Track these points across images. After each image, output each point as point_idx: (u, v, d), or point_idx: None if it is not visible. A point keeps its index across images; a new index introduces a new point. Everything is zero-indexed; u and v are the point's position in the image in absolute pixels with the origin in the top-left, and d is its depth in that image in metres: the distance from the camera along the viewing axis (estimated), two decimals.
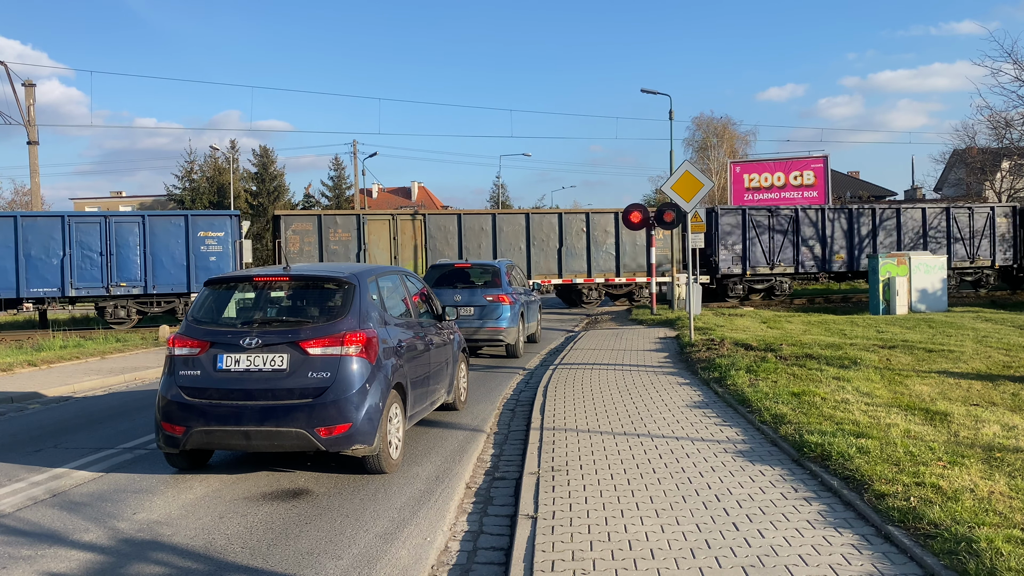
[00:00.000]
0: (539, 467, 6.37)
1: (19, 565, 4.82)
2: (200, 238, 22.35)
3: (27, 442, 8.18)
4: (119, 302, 22.10)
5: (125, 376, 12.82)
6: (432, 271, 14.94)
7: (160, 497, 6.14)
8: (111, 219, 22.04)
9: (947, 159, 47.26)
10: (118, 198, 73.06)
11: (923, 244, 27.89)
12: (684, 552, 4.49)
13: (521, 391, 10.87)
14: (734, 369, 10.19)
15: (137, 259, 21.89)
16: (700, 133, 57.87)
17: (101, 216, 22.28)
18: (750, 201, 29.47)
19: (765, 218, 26.48)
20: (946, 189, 49.99)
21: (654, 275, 22.53)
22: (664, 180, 20.87)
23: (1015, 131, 31.78)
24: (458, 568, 4.79)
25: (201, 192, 54.20)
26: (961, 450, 6.13)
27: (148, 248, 21.97)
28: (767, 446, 6.82)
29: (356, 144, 44.41)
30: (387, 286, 7.56)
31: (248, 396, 6.22)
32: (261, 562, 4.80)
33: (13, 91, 37.81)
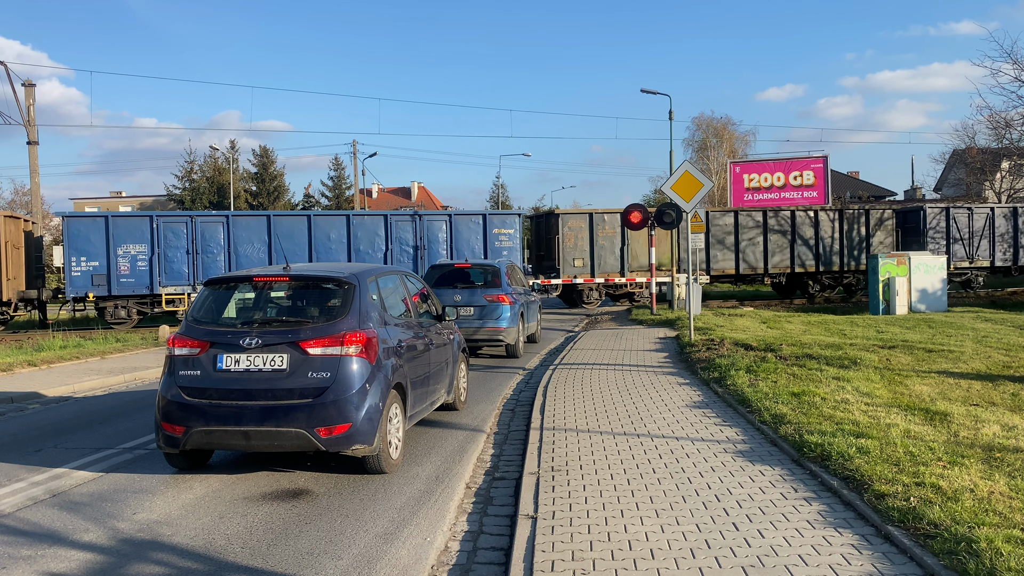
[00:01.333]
0: (539, 467, 6.37)
1: (19, 565, 4.82)
2: (495, 235, 24.57)
3: (27, 442, 8.18)
4: None
5: (125, 376, 12.82)
6: (432, 271, 14.94)
7: (160, 497, 6.14)
8: (424, 217, 24.39)
9: (947, 159, 47.29)
10: (118, 198, 73.06)
11: None
12: (684, 552, 4.49)
13: (521, 391, 10.88)
14: (734, 369, 10.19)
15: (444, 252, 24.15)
16: (700, 133, 57.95)
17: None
18: (750, 202, 29.44)
19: None
20: (946, 189, 50.01)
21: (653, 275, 22.53)
22: (664, 180, 20.85)
23: (1015, 131, 31.79)
24: (458, 568, 4.79)
25: (201, 192, 54.24)
26: (961, 450, 6.13)
27: (453, 243, 24.24)
28: (767, 446, 6.82)
29: (356, 144, 44.42)
30: (387, 286, 7.56)
31: (248, 396, 6.22)
32: (261, 562, 4.80)
33: (13, 91, 37.83)
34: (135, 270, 22.06)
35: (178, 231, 22.51)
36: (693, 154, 57.53)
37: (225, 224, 22.82)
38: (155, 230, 22.29)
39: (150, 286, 22.11)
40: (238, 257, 22.71)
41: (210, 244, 22.70)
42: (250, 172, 57.74)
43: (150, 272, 22.15)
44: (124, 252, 22.05)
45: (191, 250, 22.50)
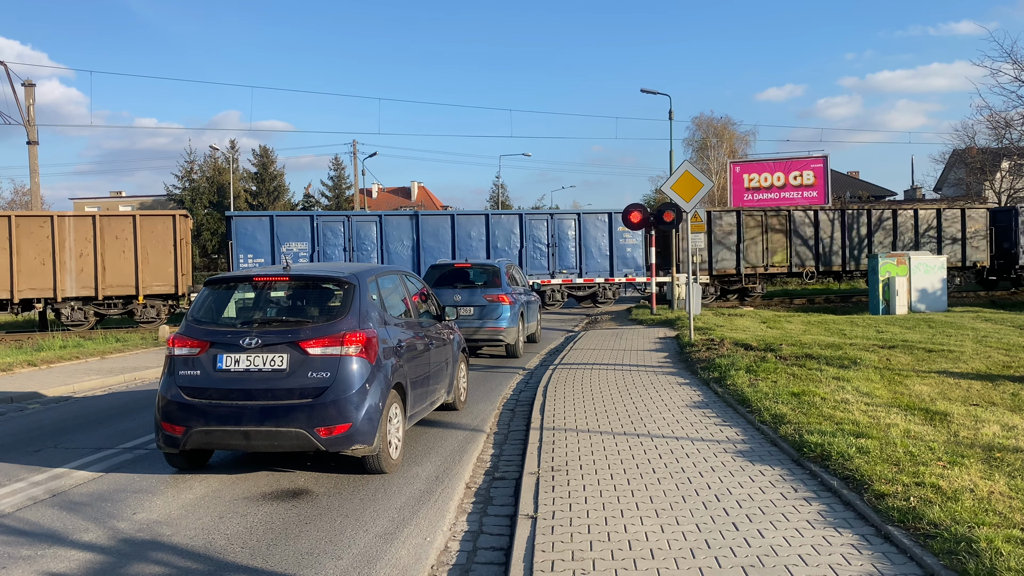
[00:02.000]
0: (539, 467, 6.37)
1: (19, 565, 4.82)
2: (620, 232, 25.64)
3: (27, 442, 8.18)
4: (554, 287, 25.99)
5: (125, 376, 12.82)
6: (432, 271, 14.94)
7: (160, 497, 6.14)
8: (556, 216, 26.19)
9: (947, 159, 47.29)
10: (118, 198, 73.06)
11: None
12: (684, 552, 4.49)
13: (521, 391, 10.88)
14: (734, 369, 10.19)
15: (572, 249, 25.59)
16: (700, 133, 57.92)
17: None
18: (750, 202, 29.44)
19: None
20: (946, 189, 50.01)
21: (654, 275, 22.54)
22: (664, 180, 20.87)
23: (1015, 131, 31.80)
24: (458, 568, 4.79)
25: (201, 192, 54.22)
26: (961, 450, 6.13)
27: (581, 241, 25.65)
28: (767, 446, 6.82)
29: (356, 144, 44.43)
30: (387, 286, 7.56)
31: (248, 396, 6.22)
32: (261, 562, 4.80)
33: (13, 91, 37.84)
34: None
35: (335, 229, 24.13)
36: (693, 154, 57.53)
37: (378, 223, 24.42)
38: (315, 229, 23.90)
39: None
40: (389, 254, 24.28)
41: (364, 242, 24.25)
42: (250, 172, 57.71)
43: None
44: (287, 249, 23.59)
45: (347, 247, 24.04)
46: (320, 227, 23.94)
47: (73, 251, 21.86)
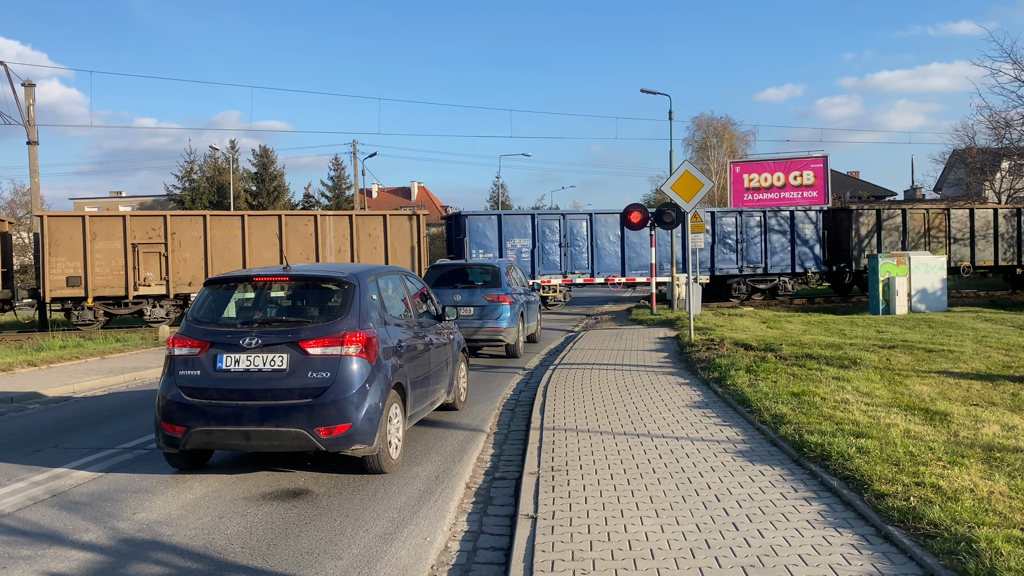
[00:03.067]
0: (539, 467, 6.37)
1: (19, 565, 4.82)
2: (800, 228, 26.94)
3: (27, 442, 8.18)
4: (742, 279, 27.25)
5: (125, 376, 12.82)
6: (432, 271, 14.95)
7: (160, 497, 6.14)
8: (744, 214, 27.22)
9: (947, 159, 47.27)
10: (118, 198, 73.05)
11: None
12: (684, 552, 4.49)
13: (521, 391, 10.87)
14: (734, 369, 10.19)
15: (759, 246, 26.96)
16: (700, 133, 57.86)
17: (735, 213, 27.24)
18: (750, 202, 29.43)
19: None
20: (946, 189, 49.99)
21: (654, 275, 22.54)
22: (664, 180, 20.88)
23: (1015, 131, 31.79)
24: (458, 568, 4.79)
25: (201, 192, 54.23)
26: (961, 450, 6.13)
27: (766, 237, 26.88)
28: (767, 446, 6.82)
29: (356, 144, 44.40)
30: (387, 286, 7.56)
31: (248, 396, 6.22)
32: (261, 562, 4.80)
33: (13, 91, 37.84)
34: (520, 260, 25.26)
35: (552, 227, 25.83)
36: (693, 154, 57.48)
37: (588, 220, 25.93)
38: (535, 226, 25.63)
39: (531, 274, 25.43)
40: (597, 250, 25.79)
41: (576, 238, 25.84)
42: (250, 172, 57.71)
43: (532, 262, 25.56)
44: (512, 245, 25.63)
45: (561, 243, 25.69)
46: (539, 225, 25.72)
47: (332, 247, 23.06)
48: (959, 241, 28.01)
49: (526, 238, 25.60)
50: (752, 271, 27.05)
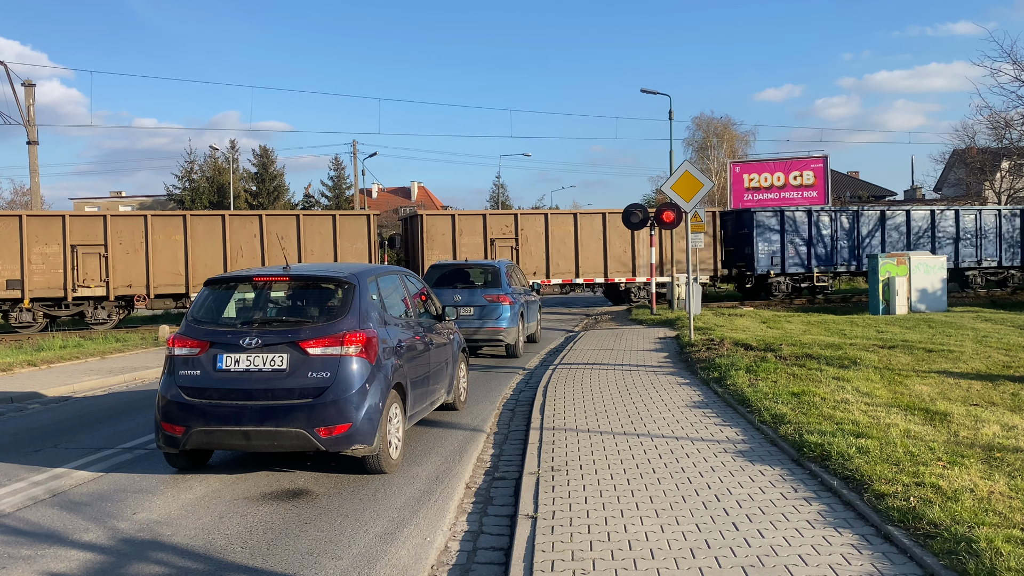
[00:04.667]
0: (539, 467, 6.37)
1: (19, 565, 4.82)
2: None
3: (27, 442, 8.18)
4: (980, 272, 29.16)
5: (125, 376, 12.82)
6: (432, 271, 14.95)
7: (160, 497, 6.15)
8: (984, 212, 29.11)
9: (947, 159, 47.30)
10: (118, 198, 73.04)
11: None
12: (684, 552, 4.49)
13: (521, 391, 10.87)
14: (734, 369, 10.19)
15: (994, 242, 28.83)
16: (700, 133, 57.90)
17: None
18: (750, 202, 29.41)
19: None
20: (946, 189, 50.01)
21: (654, 275, 22.54)
22: (664, 180, 20.84)
23: (1015, 131, 31.82)
24: (458, 568, 4.79)
25: (201, 192, 54.21)
26: (961, 450, 6.13)
27: (1002, 233, 28.77)
28: (767, 446, 6.82)
29: (356, 144, 44.41)
30: (387, 286, 7.56)
31: (248, 396, 6.22)
32: (261, 562, 4.80)
33: (13, 91, 37.82)
34: (798, 254, 27.16)
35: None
36: (693, 154, 57.51)
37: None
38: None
39: (807, 267, 27.18)
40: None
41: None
42: (250, 172, 57.68)
43: (808, 256, 27.13)
44: (790, 240, 27.17)
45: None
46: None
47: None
48: None
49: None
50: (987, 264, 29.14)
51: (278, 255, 22.42)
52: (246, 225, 22.65)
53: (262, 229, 22.49)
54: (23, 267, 21.00)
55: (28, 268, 21.08)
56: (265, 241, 22.54)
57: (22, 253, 20.99)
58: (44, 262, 21.23)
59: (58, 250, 21.26)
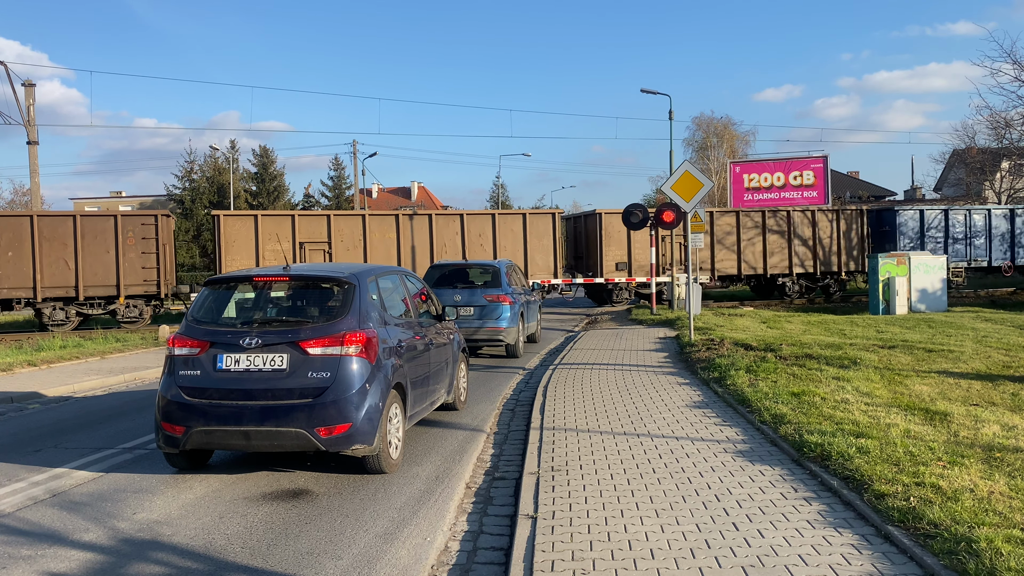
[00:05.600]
0: (539, 467, 6.37)
1: (19, 565, 4.82)
2: None
3: (27, 442, 8.18)
4: None
5: (125, 376, 12.82)
6: (432, 271, 14.94)
7: (160, 497, 6.14)
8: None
9: (947, 159, 47.29)
10: (118, 198, 73.07)
11: None
12: (684, 552, 4.49)
13: (521, 391, 10.87)
14: (734, 369, 10.19)
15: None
16: (700, 133, 57.89)
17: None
18: (750, 202, 29.41)
19: None
20: (946, 189, 50.01)
21: (654, 275, 22.54)
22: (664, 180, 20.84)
23: (1015, 131, 31.83)
24: (458, 568, 4.79)
25: (201, 192, 54.17)
26: (961, 450, 6.13)
27: None
28: (767, 446, 6.82)
29: (356, 144, 44.41)
30: (387, 286, 7.56)
31: (248, 396, 6.22)
32: (261, 562, 4.80)
33: (13, 91, 37.81)
34: None
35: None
36: (693, 154, 57.50)
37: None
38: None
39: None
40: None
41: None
42: (250, 172, 57.65)
43: None
44: None
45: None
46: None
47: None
48: None
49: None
50: None
51: (476, 251, 24.20)
52: (449, 224, 24.58)
53: (463, 227, 24.30)
54: (257, 261, 23.09)
55: (262, 262, 23.10)
56: (466, 238, 24.26)
57: (257, 248, 23.05)
58: (267, 258, 23.31)
59: (288, 247, 23.33)
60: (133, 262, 22.07)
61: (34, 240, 21.37)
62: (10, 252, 21.41)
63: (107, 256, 21.92)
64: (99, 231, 21.95)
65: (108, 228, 22.01)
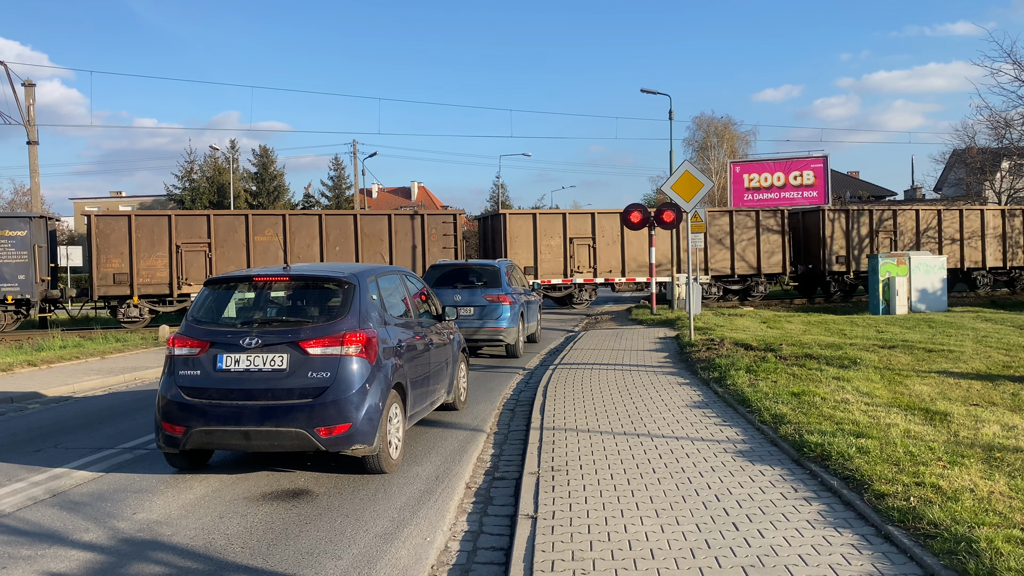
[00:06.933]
0: (539, 467, 6.37)
1: (19, 565, 4.82)
2: None
3: (27, 442, 8.18)
4: None
5: (125, 376, 12.82)
6: (432, 271, 14.94)
7: (160, 497, 6.14)
8: None
9: (947, 159, 47.27)
10: (118, 198, 73.11)
11: None
12: (684, 552, 4.49)
13: (521, 391, 10.87)
14: (734, 369, 10.19)
15: None
16: (700, 133, 57.84)
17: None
18: (750, 202, 29.40)
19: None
20: (946, 189, 50.01)
21: (654, 275, 22.54)
22: (664, 180, 20.86)
23: (1015, 131, 31.77)
24: (458, 568, 4.79)
25: (201, 192, 54.20)
26: (961, 450, 6.13)
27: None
28: (767, 446, 6.82)
29: (356, 144, 44.41)
30: (387, 286, 7.55)
31: (248, 396, 6.22)
32: (261, 562, 4.80)
33: (13, 91, 37.80)
34: None
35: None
36: (693, 154, 57.45)
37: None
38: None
39: None
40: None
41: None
42: (250, 172, 57.68)
43: None
44: None
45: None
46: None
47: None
48: None
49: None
50: None
51: None
52: None
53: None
54: (536, 256, 25.00)
55: (540, 257, 25.10)
56: None
57: (535, 244, 24.98)
58: (549, 252, 25.29)
59: (559, 242, 25.19)
60: (436, 256, 23.90)
61: (357, 236, 23.47)
62: (337, 247, 23.60)
63: (414, 251, 24.10)
64: (407, 229, 24.03)
65: (412, 226, 24.05)
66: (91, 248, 22.02)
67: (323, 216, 23.77)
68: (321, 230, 23.37)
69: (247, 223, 22.75)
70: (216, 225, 22.59)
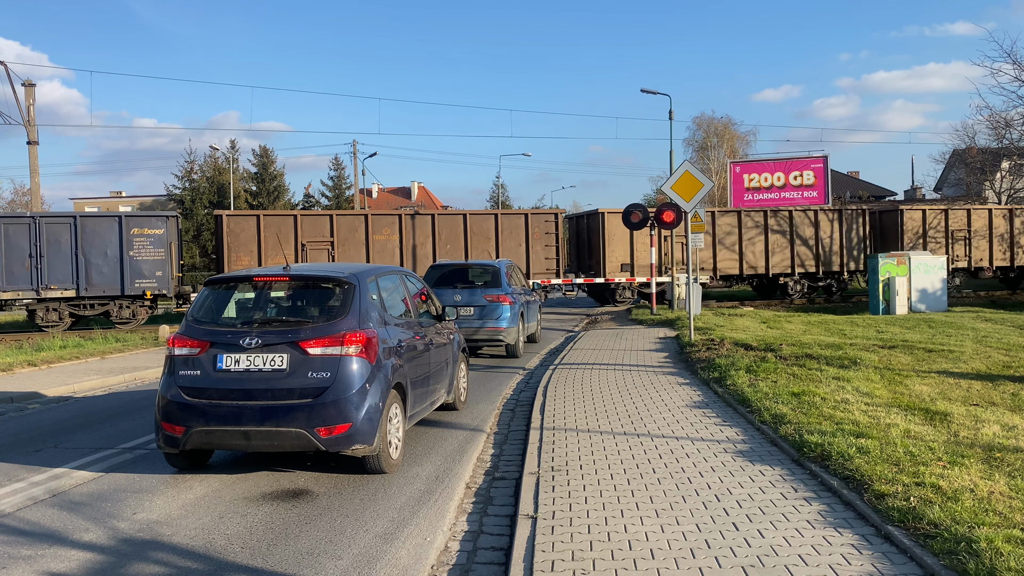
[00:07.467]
0: (539, 467, 6.37)
1: (19, 565, 4.82)
2: None
3: (27, 442, 8.18)
4: None
5: (125, 376, 12.82)
6: (432, 271, 14.95)
7: (160, 497, 6.14)
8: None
9: (947, 159, 47.29)
10: (118, 198, 73.07)
11: None
12: (684, 552, 4.49)
13: (521, 391, 10.87)
14: (734, 369, 10.19)
15: None
16: (700, 133, 57.87)
17: None
18: (750, 202, 29.41)
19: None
20: (946, 189, 50.01)
21: (654, 275, 22.54)
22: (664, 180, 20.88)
23: (1015, 131, 31.82)
24: (458, 568, 4.79)
25: (201, 192, 54.16)
26: (961, 450, 6.13)
27: None
28: (767, 446, 6.82)
29: (356, 144, 44.42)
30: (387, 286, 7.56)
31: (248, 396, 6.22)
32: (261, 562, 4.80)
33: (13, 91, 37.80)
34: None
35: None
36: (693, 154, 57.48)
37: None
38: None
39: None
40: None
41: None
42: (250, 172, 57.63)
43: None
44: None
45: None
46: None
47: None
48: None
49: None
50: None
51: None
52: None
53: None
54: (632, 254, 25.70)
55: (636, 255, 25.77)
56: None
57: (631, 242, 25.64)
58: (644, 249, 25.59)
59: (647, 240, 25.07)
60: (539, 253, 24.96)
61: (466, 234, 24.38)
62: (448, 245, 24.41)
63: (519, 249, 24.89)
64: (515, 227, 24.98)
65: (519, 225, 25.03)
66: (222, 246, 22.83)
67: (435, 216, 24.85)
68: (433, 229, 24.43)
69: (366, 223, 23.88)
70: (338, 225, 23.65)
